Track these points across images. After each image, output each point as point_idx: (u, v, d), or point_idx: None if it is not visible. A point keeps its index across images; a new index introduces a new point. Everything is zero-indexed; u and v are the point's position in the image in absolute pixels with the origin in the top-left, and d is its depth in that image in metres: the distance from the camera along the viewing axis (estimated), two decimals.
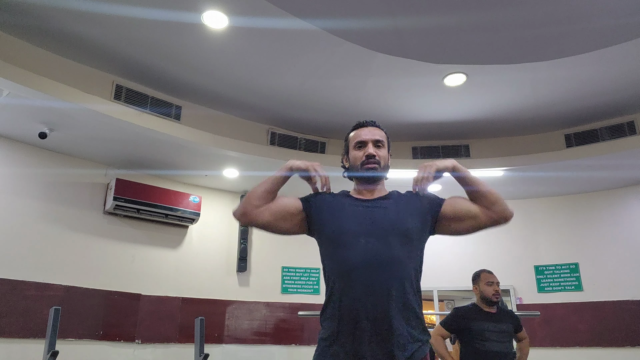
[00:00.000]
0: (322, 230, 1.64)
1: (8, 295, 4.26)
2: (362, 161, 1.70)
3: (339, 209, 1.65)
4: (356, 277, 1.49)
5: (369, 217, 1.60)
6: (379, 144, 1.74)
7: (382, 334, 1.44)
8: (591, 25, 3.72)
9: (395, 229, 1.56)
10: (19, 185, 4.61)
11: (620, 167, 5.27)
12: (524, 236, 6.20)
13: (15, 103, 3.97)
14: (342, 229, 1.58)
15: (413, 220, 1.62)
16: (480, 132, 5.52)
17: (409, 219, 1.61)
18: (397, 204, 1.66)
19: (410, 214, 1.63)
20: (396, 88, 4.65)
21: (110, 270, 5.02)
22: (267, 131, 5.34)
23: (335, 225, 1.60)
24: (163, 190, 5.36)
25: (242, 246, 5.93)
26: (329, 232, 1.61)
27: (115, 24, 3.77)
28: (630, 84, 4.50)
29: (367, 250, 1.51)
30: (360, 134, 1.75)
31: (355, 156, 1.73)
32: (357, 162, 1.72)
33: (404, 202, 1.68)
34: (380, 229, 1.56)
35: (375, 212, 1.62)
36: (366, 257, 1.51)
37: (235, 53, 4.13)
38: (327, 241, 1.62)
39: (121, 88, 4.40)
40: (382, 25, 3.76)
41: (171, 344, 5.20)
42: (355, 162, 1.73)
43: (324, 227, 1.63)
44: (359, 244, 1.53)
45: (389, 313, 1.45)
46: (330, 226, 1.62)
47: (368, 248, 1.52)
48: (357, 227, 1.57)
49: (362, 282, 1.48)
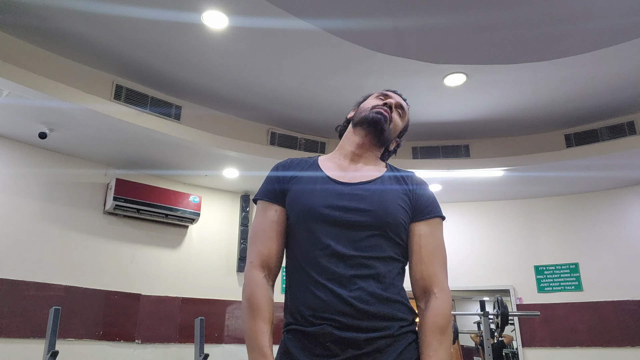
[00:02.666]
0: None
1: (8, 295, 4.26)
2: (377, 104, 1.42)
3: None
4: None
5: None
6: (400, 111, 1.48)
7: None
8: (591, 25, 3.72)
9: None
10: (19, 185, 4.61)
11: (620, 167, 5.27)
12: (524, 236, 6.20)
13: (15, 103, 3.97)
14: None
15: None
16: (480, 132, 5.53)
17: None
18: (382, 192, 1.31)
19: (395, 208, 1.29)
20: (396, 88, 4.62)
21: (110, 270, 5.02)
22: (267, 131, 5.34)
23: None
24: (163, 190, 5.36)
25: (242, 246, 5.93)
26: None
27: (115, 24, 3.77)
28: (630, 84, 4.50)
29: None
30: (387, 93, 1.50)
31: (372, 103, 1.44)
32: (368, 106, 1.43)
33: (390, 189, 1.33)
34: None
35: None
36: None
37: (235, 53, 4.13)
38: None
39: (121, 88, 4.40)
40: (382, 25, 3.76)
41: (171, 344, 5.20)
42: (367, 105, 1.44)
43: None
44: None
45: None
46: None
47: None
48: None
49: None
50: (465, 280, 6.05)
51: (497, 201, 6.41)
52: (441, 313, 1.21)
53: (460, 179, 5.69)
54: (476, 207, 6.44)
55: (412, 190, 1.34)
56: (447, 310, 1.22)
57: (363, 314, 1.16)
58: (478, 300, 4.58)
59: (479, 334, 6.47)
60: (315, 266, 1.22)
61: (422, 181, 1.40)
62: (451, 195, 6.22)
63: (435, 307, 1.22)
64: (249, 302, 1.25)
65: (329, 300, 1.17)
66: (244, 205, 6.10)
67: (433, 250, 1.28)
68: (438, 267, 1.27)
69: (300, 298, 1.22)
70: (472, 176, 5.63)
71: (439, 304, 1.22)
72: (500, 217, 6.36)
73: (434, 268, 1.27)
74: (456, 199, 6.35)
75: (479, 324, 5.02)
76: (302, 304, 1.21)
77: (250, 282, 1.27)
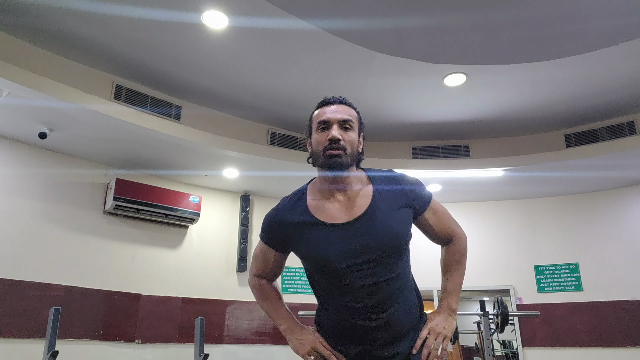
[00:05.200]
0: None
1: (8, 295, 4.26)
2: (325, 146, 1.41)
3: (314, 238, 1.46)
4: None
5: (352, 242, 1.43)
6: (347, 125, 1.43)
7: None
8: (591, 25, 3.72)
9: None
10: (19, 185, 4.61)
11: (620, 167, 5.27)
12: (524, 236, 6.20)
13: (15, 103, 3.96)
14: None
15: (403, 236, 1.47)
16: (480, 132, 5.53)
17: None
18: (379, 220, 1.43)
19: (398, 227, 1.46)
20: (396, 88, 4.65)
21: (110, 270, 5.02)
22: (267, 131, 5.34)
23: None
24: (163, 190, 5.36)
25: (242, 246, 5.93)
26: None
27: (115, 24, 3.77)
28: (630, 84, 4.50)
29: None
30: (325, 112, 1.45)
31: (318, 140, 1.43)
32: (319, 147, 1.43)
33: (387, 212, 1.44)
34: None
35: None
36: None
37: (235, 53, 4.13)
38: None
39: (121, 88, 4.40)
40: (382, 25, 3.76)
41: (171, 344, 5.20)
42: (317, 146, 1.44)
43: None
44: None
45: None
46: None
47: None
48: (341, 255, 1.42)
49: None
50: (465, 280, 5.99)
51: (497, 201, 6.41)
52: (456, 250, 1.59)
53: (460, 179, 5.69)
54: (476, 207, 6.44)
55: (404, 195, 1.49)
56: (461, 248, 1.59)
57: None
58: (478, 300, 4.57)
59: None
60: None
61: (405, 180, 1.53)
62: (451, 195, 6.22)
63: (452, 246, 1.59)
64: (258, 291, 1.63)
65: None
66: (244, 205, 6.10)
67: (440, 223, 1.56)
68: (449, 228, 1.58)
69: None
70: (472, 176, 5.63)
71: (455, 245, 1.59)
72: (500, 217, 6.36)
73: (447, 231, 1.58)
74: (456, 199, 6.35)
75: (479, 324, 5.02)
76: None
77: (254, 282, 1.65)
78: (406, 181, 1.52)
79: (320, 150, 1.43)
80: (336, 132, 1.41)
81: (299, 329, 1.53)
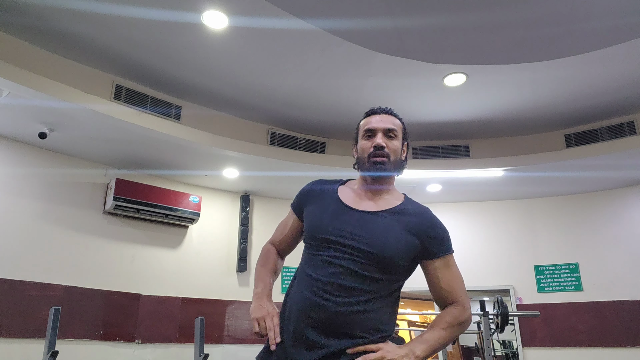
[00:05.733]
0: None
1: (8, 295, 4.26)
2: (370, 153, 1.52)
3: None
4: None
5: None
6: (391, 134, 1.55)
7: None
8: (591, 25, 3.72)
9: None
10: (19, 185, 4.61)
11: (620, 167, 5.27)
12: (524, 236, 6.20)
13: (15, 103, 3.96)
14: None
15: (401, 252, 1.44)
16: (480, 132, 5.53)
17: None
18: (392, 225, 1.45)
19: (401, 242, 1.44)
20: (396, 88, 4.65)
21: (110, 270, 5.02)
22: (267, 131, 5.34)
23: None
24: (163, 190, 5.36)
25: (242, 246, 5.93)
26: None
27: (115, 24, 3.77)
28: (630, 84, 4.50)
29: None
30: (371, 121, 1.58)
31: (364, 147, 1.55)
32: (364, 154, 1.54)
33: (403, 224, 1.46)
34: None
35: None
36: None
37: (235, 53, 4.13)
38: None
39: (121, 88, 4.40)
40: (382, 25, 3.76)
41: (171, 344, 5.20)
42: (363, 153, 1.55)
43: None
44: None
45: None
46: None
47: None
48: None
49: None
50: (465, 281, 6.01)
51: (497, 201, 6.41)
52: (456, 316, 1.46)
53: (460, 179, 5.69)
54: (476, 207, 6.44)
55: (423, 229, 1.47)
56: (462, 318, 1.46)
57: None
58: (478, 300, 4.57)
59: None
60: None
61: (433, 221, 1.51)
62: (451, 195, 6.22)
63: (454, 310, 1.47)
64: (263, 255, 1.70)
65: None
66: (244, 205, 6.10)
67: (449, 281, 1.49)
68: (457, 294, 1.49)
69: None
70: (472, 176, 5.63)
71: (457, 312, 1.47)
72: (500, 217, 6.36)
73: (453, 295, 1.49)
74: (456, 199, 6.35)
75: (479, 324, 5.02)
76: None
77: (265, 247, 1.73)
78: (433, 222, 1.50)
79: (365, 157, 1.53)
80: (381, 139, 1.52)
81: (266, 298, 1.56)
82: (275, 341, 1.44)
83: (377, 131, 1.54)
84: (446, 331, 1.44)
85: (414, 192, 5.79)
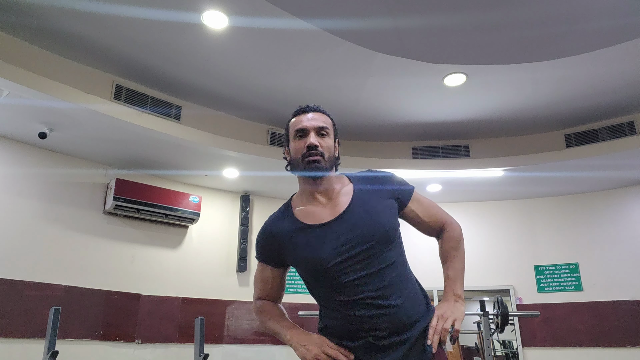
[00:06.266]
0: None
1: (8, 295, 4.26)
2: (304, 153, 1.47)
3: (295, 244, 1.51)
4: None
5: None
6: (323, 132, 1.51)
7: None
8: (591, 25, 3.72)
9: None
10: (19, 185, 4.61)
11: (620, 167, 5.27)
12: (524, 236, 6.20)
13: (15, 103, 3.96)
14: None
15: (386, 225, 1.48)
16: (480, 132, 5.53)
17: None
18: (360, 215, 1.46)
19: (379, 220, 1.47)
20: (396, 88, 4.65)
21: (110, 270, 5.02)
22: (267, 131, 5.34)
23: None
24: (163, 190, 5.36)
25: (242, 246, 5.93)
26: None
27: (115, 24, 3.77)
28: (630, 84, 4.50)
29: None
30: (301, 120, 1.54)
31: (296, 147, 1.50)
32: (298, 155, 1.49)
33: (367, 207, 1.48)
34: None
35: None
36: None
37: (235, 53, 4.13)
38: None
39: (121, 88, 4.40)
40: (382, 25, 3.76)
41: (171, 344, 5.20)
42: (296, 154, 1.50)
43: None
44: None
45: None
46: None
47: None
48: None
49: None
50: (465, 280, 6.03)
51: (497, 201, 6.41)
52: (450, 237, 1.60)
53: (460, 179, 5.69)
54: (476, 207, 6.44)
55: (385, 191, 1.53)
56: (456, 234, 1.61)
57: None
58: (478, 300, 4.57)
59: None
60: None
61: (384, 177, 1.57)
62: (451, 195, 6.22)
63: (445, 235, 1.61)
64: (260, 313, 1.67)
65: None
66: (244, 205, 6.10)
67: (428, 212, 1.59)
68: (439, 217, 1.61)
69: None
70: (472, 176, 5.63)
71: (449, 233, 1.61)
72: (500, 217, 6.36)
73: (437, 220, 1.61)
74: (456, 199, 6.35)
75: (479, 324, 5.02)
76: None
77: (256, 306, 1.70)
78: (384, 177, 1.57)
79: (299, 157, 1.49)
80: (314, 139, 1.48)
81: (304, 335, 1.51)
82: (350, 358, 1.42)
83: (308, 130, 1.50)
84: (458, 256, 1.59)
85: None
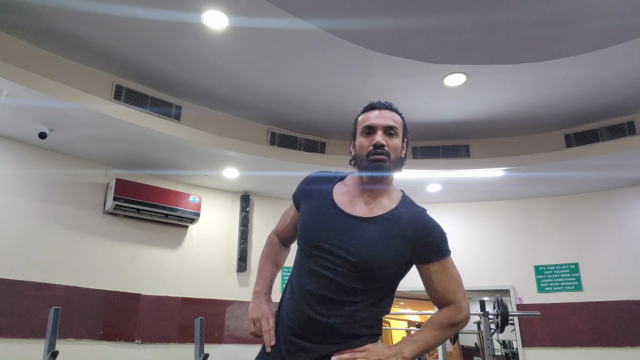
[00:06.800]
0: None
1: (8, 295, 4.26)
2: (369, 151, 1.43)
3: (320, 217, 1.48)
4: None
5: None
6: (391, 131, 1.46)
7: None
8: (591, 25, 3.72)
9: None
10: (19, 185, 4.61)
11: (620, 167, 5.27)
12: (524, 236, 6.20)
13: (15, 103, 3.97)
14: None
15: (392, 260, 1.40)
16: (480, 132, 5.53)
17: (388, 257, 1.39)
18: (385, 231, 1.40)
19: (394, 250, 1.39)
20: (396, 88, 4.65)
21: (110, 270, 5.02)
22: (267, 131, 5.34)
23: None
24: (163, 190, 5.36)
25: (242, 246, 5.93)
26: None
27: (115, 24, 3.77)
28: (630, 84, 4.50)
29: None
30: (370, 117, 1.49)
31: (362, 144, 1.46)
32: (363, 152, 1.45)
33: (395, 230, 1.40)
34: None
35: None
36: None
37: (235, 53, 4.13)
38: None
39: (121, 88, 4.40)
40: (382, 25, 3.76)
41: (171, 344, 5.20)
42: (361, 151, 1.46)
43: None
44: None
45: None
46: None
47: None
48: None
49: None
50: (465, 280, 5.96)
51: (497, 201, 6.41)
52: (450, 317, 1.42)
53: (460, 179, 5.69)
54: (476, 207, 6.44)
55: (417, 236, 1.41)
56: (456, 319, 1.42)
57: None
58: (478, 300, 4.57)
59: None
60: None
61: (428, 225, 1.44)
62: (451, 195, 6.22)
63: (447, 311, 1.44)
64: (267, 246, 1.70)
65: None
66: (244, 205, 6.10)
67: (445, 284, 1.44)
68: (451, 294, 1.44)
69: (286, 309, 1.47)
70: (472, 176, 5.63)
71: (451, 312, 1.43)
72: (500, 217, 6.36)
73: (447, 296, 1.44)
74: (456, 199, 6.35)
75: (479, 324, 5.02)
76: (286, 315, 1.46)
77: (270, 236, 1.73)
78: (428, 225, 1.43)
79: (364, 155, 1.45)
80: (381, 137, 1.44)
81: (265, 298, 1.56)
82: (270, 344, 1.44)
83: (376, 128, 1.46)
84: (437, 332, 1.41)
85: (414, 192, 5.78)
